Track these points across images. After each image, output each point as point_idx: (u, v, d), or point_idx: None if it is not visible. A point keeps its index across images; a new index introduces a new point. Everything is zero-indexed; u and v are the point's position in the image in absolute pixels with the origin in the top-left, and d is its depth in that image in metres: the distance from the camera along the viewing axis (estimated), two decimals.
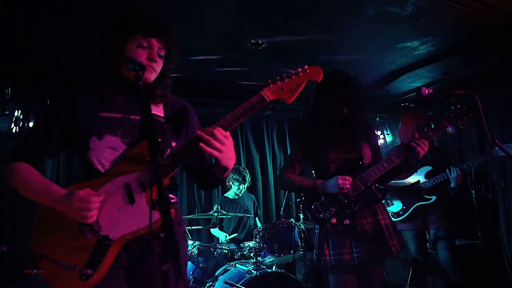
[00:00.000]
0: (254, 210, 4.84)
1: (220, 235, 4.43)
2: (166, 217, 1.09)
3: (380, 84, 5.05)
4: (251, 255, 3.65)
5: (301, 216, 4.06)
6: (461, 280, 3.40)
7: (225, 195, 4.85)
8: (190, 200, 5.38)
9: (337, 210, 2.21)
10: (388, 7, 3.11)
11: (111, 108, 1.54)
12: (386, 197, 3.59)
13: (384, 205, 2.97)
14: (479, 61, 4.37)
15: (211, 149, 1.38)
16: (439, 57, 4.20)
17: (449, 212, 3.52)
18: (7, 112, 3.92)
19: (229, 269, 3.57)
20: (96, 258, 1.38)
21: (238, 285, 3.19)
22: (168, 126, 1.63)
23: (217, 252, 3.72)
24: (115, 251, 1.42)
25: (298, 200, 4.40)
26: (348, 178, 2.18)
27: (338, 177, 2.17)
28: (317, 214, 2.24)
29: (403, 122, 3.60)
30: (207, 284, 3.54)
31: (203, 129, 1.40)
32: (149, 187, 1.42)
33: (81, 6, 2.85)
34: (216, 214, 4.14)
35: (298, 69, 1.48)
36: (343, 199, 2.21)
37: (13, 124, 3.96)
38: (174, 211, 1.45)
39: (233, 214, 4.37)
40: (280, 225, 3.68)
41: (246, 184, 4.73)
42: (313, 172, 2.57)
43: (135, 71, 1.45)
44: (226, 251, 3.81)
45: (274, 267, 3.51)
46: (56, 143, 1.54)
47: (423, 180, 3.54)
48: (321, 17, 3.24)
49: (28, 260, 1.44)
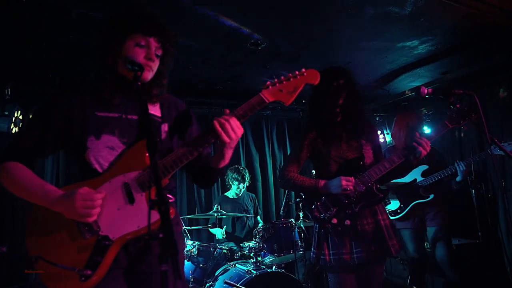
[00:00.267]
0: (255, 209, 4.84)
1: (217, 232, 4.45)
2: (165, 218, 1.10)
3: (380, 84, 5.05)
4: (251, 255, 3.64)
5: (301, 215, 4.06)
6: (458, 278, 3.41)
7: (225, 194, 4.85)
8: (190, 200, 5.37)
9: (338, 210, 2.21)
10: (388, 7, 3.11)
11: (108, 108, 1.54)
12: None
13: (383, 205, 2.97)
14: (479, 60, 4.37)
15: (224, 132, 1.45)
16: (439, 57, 4.20)
17: (446, 211, 3.55)
18: (7, 113, 3.89)
19: (229, 269, 3.57)
20: (96, 259, 1.38)
21: (238, 285, 3.19)
22: (165, 126, 1.63)
23: (217, 252, 3.72)
24: (115, 251, 1.41)
25: (298, 200, 4.39)
26: (352, 179, 2.16)
27: (342, 178, 2.15)
28: (318, 214, 2.23)
29: (396, 124, 3.63)
30: (207, 284, 3.54)
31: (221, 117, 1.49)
32: (149, 187, 1.42)
33: (81, 6, 2.85)
34: (216, 214, 4.15)
35: (296, 72, 1.51)
36: (344, 199, 2.21)
37: (13, 125, 3.93)
38: (174, 211, 1.46)
39: (233, 214, 4.37)
40: (280, 225, 3.68)
41: (246, 184, 4.74)
42: (314, 172, 2.56)
43: (134, 71, 1.45)
44: (226, 251, 3.81)
45: (274, 267, 3.51)
46: (51, 143, 1.52)
47: (420, 179, 3.55)
48: (321, 17, 3.24)
49: (25, 262, 1.43)
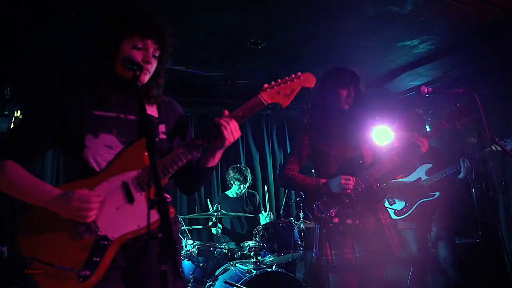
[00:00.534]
0: (257, 207, 4.81)
1: (214, 229, 4.41)
2: (165, 217, 1.09)
3: (380, 83, 5.04)
4: (251, 255, 3.63)
5: (301, 215, 4.05)
6: (461, 279, 3.40)
7: (226, 193, 4.83)
8: (190, 200, 5.37)
9: (339, 210, 2.20)
10: (388, 6, 3.11)
11: (106, 107, 1.53)
12: (388, 196, 3.59)
13: (385, 204, 2.97)
14: (479, 59, 4.36)
15: (227, 132, 1.49)
16: (439, 56, 4.20)
17: (450, 211, 3.53)
18: (7, 113, 3.89)
19: (229, 269, 3.57)
20: (94, 259, 1.36)
21: (238, 285, 3.19)
22: (162, 127, 1.64)
23: (217, 252, 3.71)
24: (114, 251, 1.40)
25: (298, 199, 4.38)
26: (351, 178, 2.16)
27: (341, 177, 2.15)
28: (319, 214, 2.22)
29: (396, 123, 3.65)
30: (207, 284, 3.54)
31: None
32: (148, 186, 1.42)
33: (81, 6, 2.85)
34: (216, 214, 4.13)
35: (292, 75, 1.58)
36: (345, 199, 2.20)
37: (13, 125, 3.93)
38: (173, 211, 1.46)
39: (233, 214, 4.35)
40: (280, 225, 3.67)
41: (248, 184, 4.69)
42: (313, 171, 2.56)
43: (133, 71, 1.44)
44: (226, 251, 3.80)
45: (274, 267, 3.50)
46: (46, 142, 1.51)
47: (424, 178, 3.54)
48: (321, 17, 3.24)
49: (20, 263, 1.40)
